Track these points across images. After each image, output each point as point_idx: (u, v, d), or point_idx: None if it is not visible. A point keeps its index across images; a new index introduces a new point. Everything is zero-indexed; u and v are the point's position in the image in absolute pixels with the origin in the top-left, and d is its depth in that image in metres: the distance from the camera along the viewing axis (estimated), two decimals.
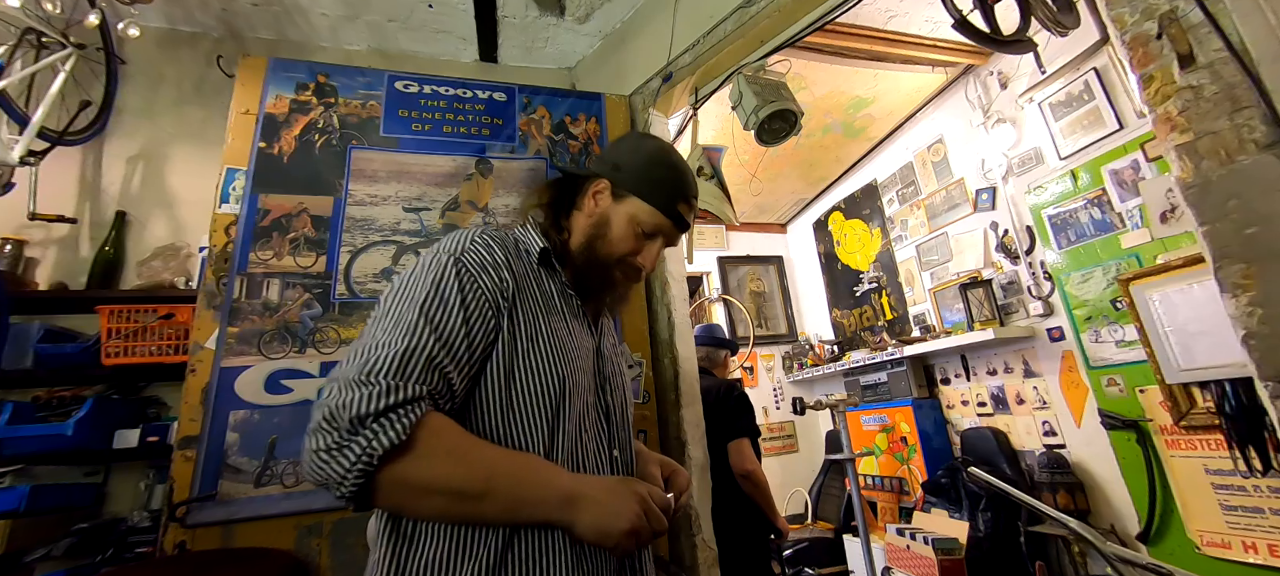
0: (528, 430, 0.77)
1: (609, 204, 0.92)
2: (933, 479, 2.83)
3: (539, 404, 0.78)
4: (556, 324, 0.84)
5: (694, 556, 1.77)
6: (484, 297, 0.76)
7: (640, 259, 0.93)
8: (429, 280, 0.75)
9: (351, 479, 0.61)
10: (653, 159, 0.94)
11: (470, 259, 0.78)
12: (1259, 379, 0.79)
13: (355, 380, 0.64)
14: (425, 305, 0.72)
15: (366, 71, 1.90)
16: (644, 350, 1.92)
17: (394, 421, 0.63)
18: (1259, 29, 0.80)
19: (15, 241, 1.86)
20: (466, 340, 0.73)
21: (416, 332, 0.70)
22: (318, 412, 0.64)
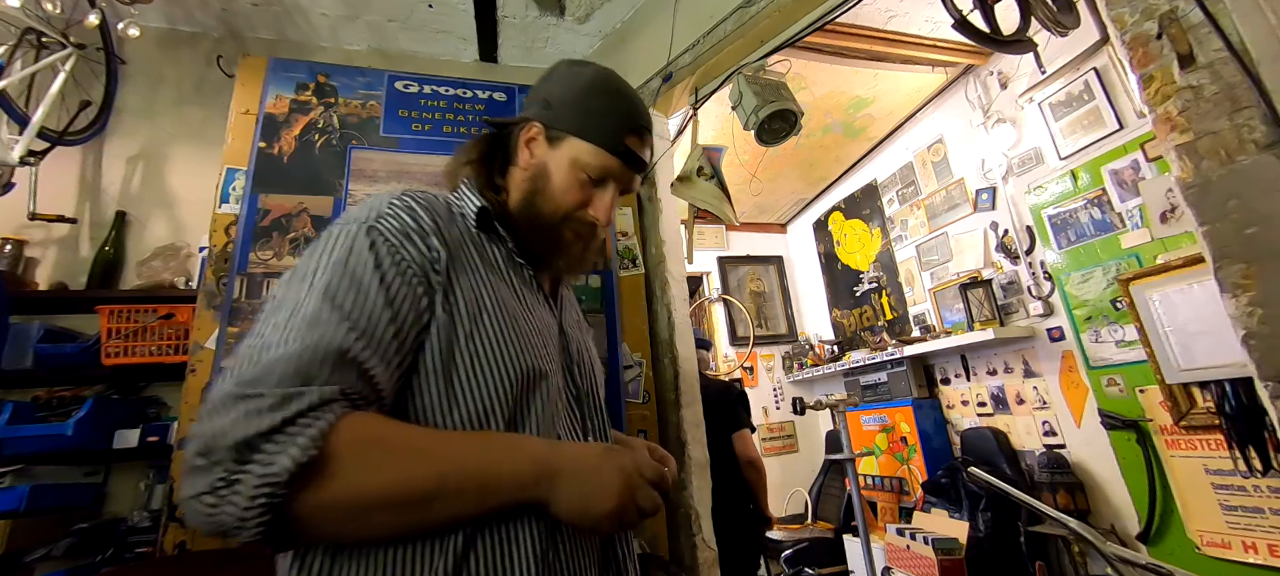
0: (494, 419, 0.64)
1: (545, 151, 0.78)
2: (933, 479, 2.83)
3: (494, 393, 0.64)
4: (506, 297, 0.70)
5: (694, 556, 1.77)
6: (410, 271, 0.62)
7: (592, 210, 0.78)
8: (334, 258, 0.60)
9: (253, 520, 0.48)
10: (590, 88, 0.79)
11: (388, 226, 0.63)
12: (1259, 379, 0.79)
13: (233, 395, 0.50)
14: (330, 289, 0.58)
15: (366, 71, 1.90)
16: (644, 350, 1.92)
17: (295, 435, 0.50)
18: (1259, 29, 0.80)
19: (15, 241, 1.86)
20: (392, 326, 0.59)
21: (320, 324, 0.55)
22: (190, 447, 0.50)
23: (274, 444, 0.49)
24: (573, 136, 0.77)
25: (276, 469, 0.48)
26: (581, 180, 0.76)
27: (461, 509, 0.57)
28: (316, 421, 0.51)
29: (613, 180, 0.78)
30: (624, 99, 0.80)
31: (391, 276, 0.61)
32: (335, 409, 0.53)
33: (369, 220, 0.64)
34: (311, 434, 0.50)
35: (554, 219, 0.77)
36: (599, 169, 0.77)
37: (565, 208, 0.77)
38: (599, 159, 0.76)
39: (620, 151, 0.77)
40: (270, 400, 0.50)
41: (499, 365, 0.65)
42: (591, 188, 0.77)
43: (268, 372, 0.52)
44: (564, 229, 0.78)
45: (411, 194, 0.69)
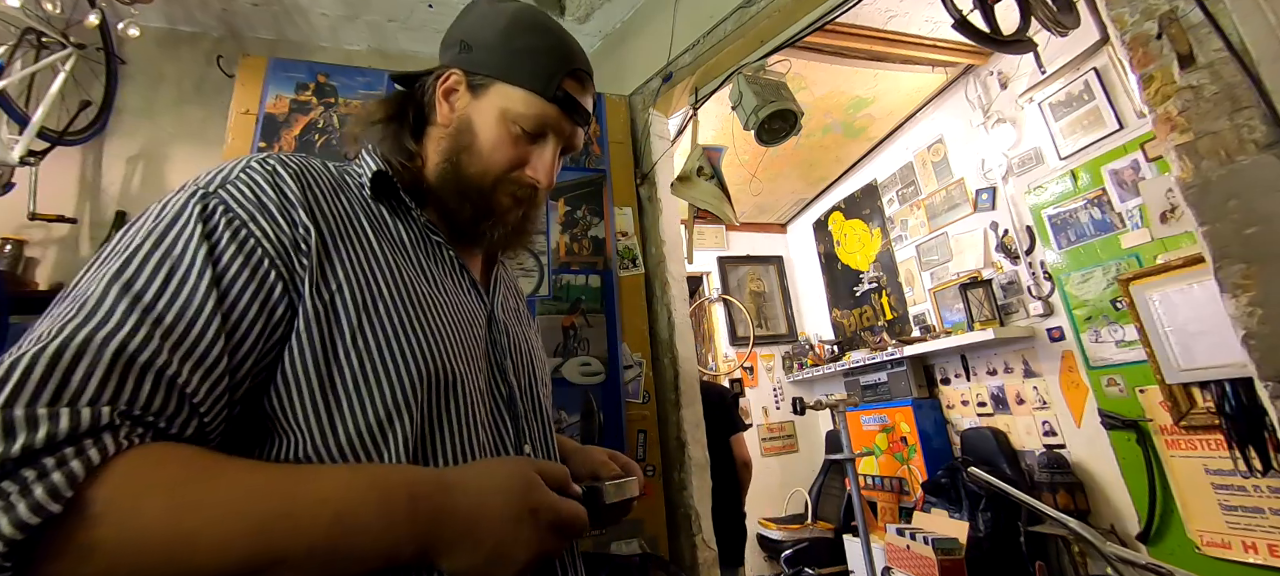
0: (373, 452, 0.49)
1: (468, 102, 0.65)
2: (933, 479, 2.83)
3: (393, 401, 0.50)
4: (412, 280, 0.57)
5: (694, 556, 1.77)
6: (258, 253, 0.48)
7: (530, 170, 0.66)
8: (144, 232, 0.46)
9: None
10: (515, 23, 0.66)
11: (235, 194, 0.49)
12: (1259, 379, 0.79)
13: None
14: (127, 272, 0.43)
15: (366, 71, 1.90)
16: (644, 350, 1.92)
17: (29, 482, 0.34)
18: (1259, 29, 0.80)
19: (15, 241, 1.86)
20: (221, 323, 0.45)
21: (98, 318, 0.41)
22: None
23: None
24: (500, 82, 0.64)
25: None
26: (514, 134, 0.64)
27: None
28: (68, 461, 0.36)
29: (552, 132, 0.66)
30: (555, 36, 0.67)
31: (229, 259, 0.47)
32: (106, 440, 0.37)
33: (211, 185, 0.50)
34: (54, 481, 0.35)
35: (484, 182, 0.64)
36: (535, 119, 0.64)
37: (497, 168, 0.64)
38: (534, 107, 0.64)
39: (558, 97, 0.64)
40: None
41: (401, 364, 0.51)
42: (527, 143, 0.65)
43: (10, 382, 0.36)
44: (498, 193, 0.65)
45: (279, 156, 0.55)
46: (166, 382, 0.41)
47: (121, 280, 0.43)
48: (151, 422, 0.41)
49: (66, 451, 0.36)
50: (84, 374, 0.38)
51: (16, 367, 0.37)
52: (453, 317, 0.59)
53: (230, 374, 0.45)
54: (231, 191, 0.50)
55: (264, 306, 0.47)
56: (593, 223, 1.98)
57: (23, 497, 0.34)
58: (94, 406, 0.38)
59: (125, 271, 0.44)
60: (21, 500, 0.34)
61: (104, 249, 0.47)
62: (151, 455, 0.40)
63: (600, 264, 1.94)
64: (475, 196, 0.65)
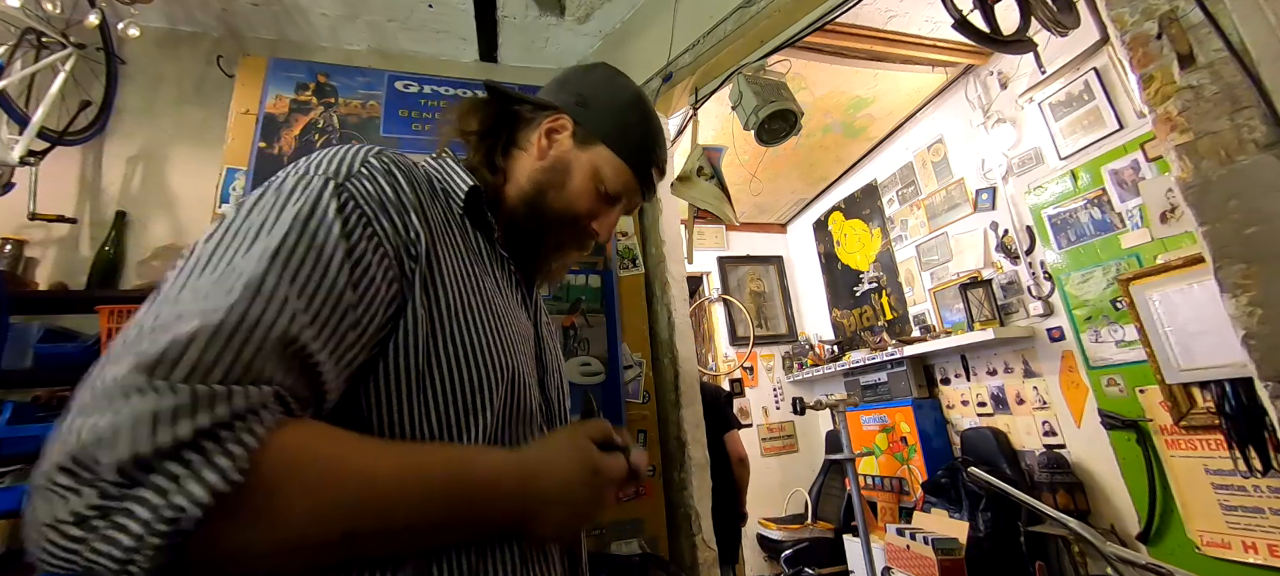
0: (470, 437, 0.55)
1: (569, 147, 0.72)
2: (933, 479, 2.83)
3: (475, 405, 0.54)
4: (490, 292, 0.61)
5: (694, 556, 1.77)
6: (383, 250, 0.50)
7: (598, 224, 0.73)
8: (291, 213, 0.47)
9: (141, 566, 0.34)
10: (632, 104, 0.74)
11: (362, 189, 0.51)
12: (1259, 379, 0.79)
13: (126, 386, 0.36)
14: (282, 251, 0.44)
15: (366, 71, 1.90)
16: (644, 350, 1.92)
17: (213, 454, 0.37)
18: (1259, 29, 0.80)
19: (15, 241, 1.86)
20: (354, 311, 0.47)
21: (262, 294, 0.42)
22: (52, 454, 0.37)
23: (181, 464, 0.36)
24: (603, 144, 0.72)
25: (183, 501, 0.35)
26: (599, 191, 0.72)
27: (423, 543, 0.48)
28: (244, 435, 0.38)
29: (624, 200, 0.75)
30: (657, 127, 0.77)
31: (362, 251, 0.48)
32: (268, 416, 0.40)
33: (339, 176, 0.51)
34: (236, 453, 0.37)
35: (563, 218, 0.71)
36: (618, 186, 0.73)
37: (577, 211, 0.71)
38: (622, 177, 0.73)
39: (643, 177, 0.75)
40: (180, 399, 0.36)
41: (488, 369, 0.55)
42: (603, 202, 0.73)
43: (179, 355, 0.37)
44: (568, 234, 0.73)
45: (390, 155, 0.57)
46: (311, 370, 0.44)
47: (281, 262, 0.44)
48: (289, 405, 0.43)
49: (244, 425, 0.38)
50: (256, 352, 0.40)
51: (204, 338, 0.39)
52: (519, 331, 0.64)
53: (350, 363, 0.48)
54: (358, 186, 0.51)
55: (384, 303, 0.50)
56: None
57: (211, 464, 0.36)
58: (262, 386, 0.40)
59: (284, 253, 0.44)
60: (211, 467, 0.36)
61: (229, 224, 0.47)
62: (297, 434, 0.42)
63: (600, 264, 1.94)
64: (552, 229, 0.71)
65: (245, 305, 0.41)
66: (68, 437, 0.36)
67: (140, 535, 0.34)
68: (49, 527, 0.36)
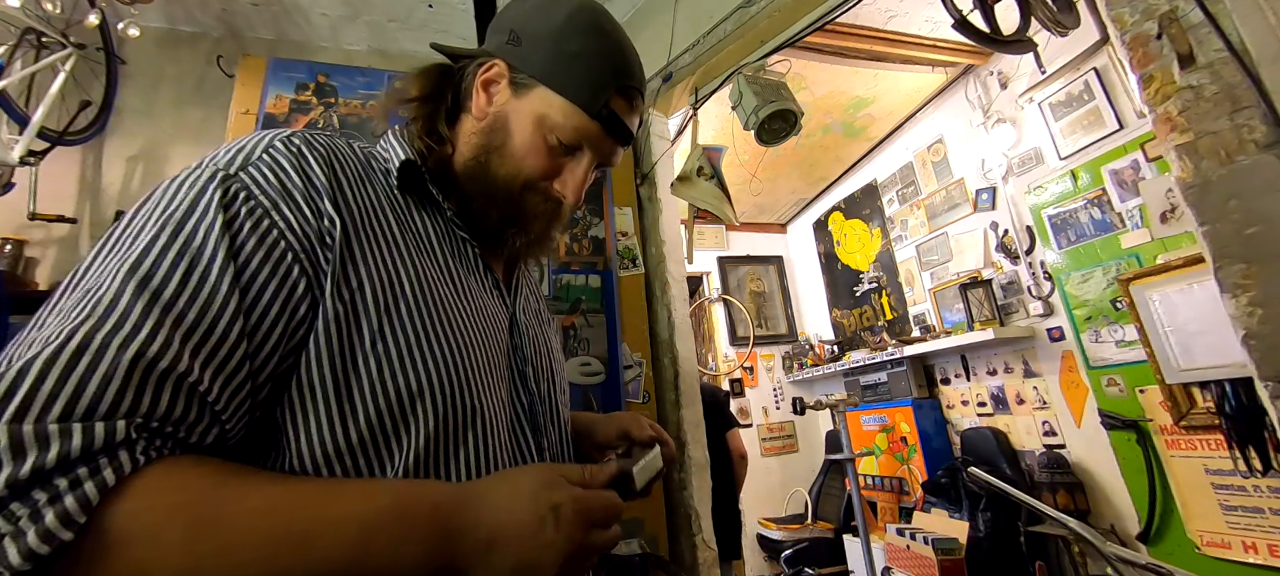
0: (393, 457, 0.47)
1: (507, 98, 0.60)
2: (933, 479, 2.83)
3: (414, 412, 0.48)
4: (434, 280, 0.53)
5: (694, 556, 1.77)
6: (282, 246, 0.45)
7: (559, 184, 0.61)
8: (162, 217, 0.42)
9: None
10: (571, 22, 0.59)
11: (258, 179, 0.46)
12: (1259, 379, 0.79)
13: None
14: (145, 265, 0.40)
15: (366, 71, 1.90)
16: (644, 350, 1.92)
17: (41, 506, 0.32)
18: (1259, 29, 0.80)
19: (15, 241, 1.86)
20: (243, 324, 0.42)
21: (120, 318, 0.37)
22: None
23: (3, 519, 0.32)
24: (543, 86, 0.58)
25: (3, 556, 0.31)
26: (549, 144, 0.59)
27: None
28: (83, 482, 0.33)
29: (589, 149, 0.61)
30: (612, 43, 0.60)
31: (251, 253, 0.43)
32: (122, 457, 0.35)
33: (232, 166, 0.45)
34: (67, 505, 0.32)
35: (511, 186, 0.60)
36: (573, 133, 0.59)
37: (525, 175, 0.60)
38: (574, 120, 0.58)
39: (602, 115, 0.59)
40: (10, 441, 0.32)
41: (418, 373, 0.48)
42: (561, 155, 0.60)
43: (11, 391, 0.34)
44: (526, 199, 0.60)
45: (305, 136, 0.50)
46: (187, 390, 0.39)
47: (138, 275, 0.39)
48: (171, 433, 0.38)
49: (81, 471, 0.34)
50: (100, 383, 0.35)
51: (26, 375, 0.34)
52: (475, 323, 0.55)
53: (252, 378, 0.43)
54: (254, 175, 0.46)
55: (287, 305, 0.44)
56: (593, 222, 1.98)
57: (33, 523, 0.32)
58: (110, 420, 0.35)
59: (142, 265, 0.40)
60: (31, 526, 0.32)
61: (114, 231, 0.43)
62: (166, 476, 0.37)
63: (600, 264, 1.94)
64: (502, 200, 0.60)
65: (90, 327, 0.37)
66: None
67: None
68: None
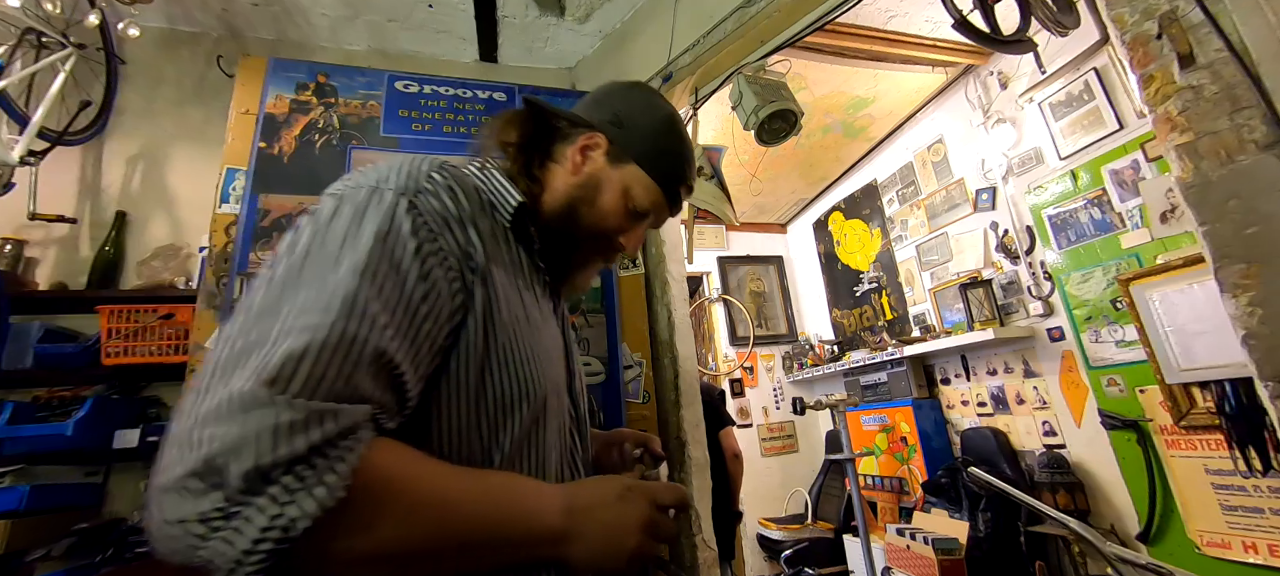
0: (501, 445, 0.57)
1: (602, 165, 0.73)
2: (933, 479, 2.83)
3: (518, 410, 0.58)
4: (529, 306, 0.64)
5: (694, 556, 1.77)
6: (449, 263, 0.53)
7: (626, 239, 0.76)
8: (371, 228, 0.50)
9: (252, 564, 0.38)
10: (665, 125, 0.77)
11: (429, 204, 0.55)
12: (1259, 379, 0.79)
13: (251, 399, 0.40)
14: (369, 269, 0.48)
15: (366, 71, 1.90)
16: (644, 350, 1.92)
17: (323, 472, 0.40)
18: (1259, 29, 0.80)
19: (15, 241, 1.86)
20: (428, 323, 0.51)
21: (355, 310, 0.45)
22: (184, 458, 0.39)
23: (295, 477, 0.40)
24: (636, 164, 0.74)
25: (296, 512, 0.39)
26: (629, 208, 0.74)
27: (477, 567, 0.50)
28: (348, 453, 0.42)
29: (651, 216, 0.77)
30: (688, 148, 0.79)
31: (432, 266, 0.52)
32: (365, 435, 0.44)
33: (408, 190, 0.54)
34: (341, 470, 0.41)
35: (592, 233, 0.73)
36: (648, 203, 0.75)
37: (606, 228, 0.74)
38: (652, 196, 0.75)
39: (672, 196, 0.77)
40: (295, 415, 0.40)
41: (527, 375, 0.58)
42: (632, 218, 0.75)
43: (293, 371, 0.41)
44: (599, 245, 0.75)
45: (448, 169, 0.60)
46: (397, 382, 0.48)
47: (370, 279, 0.47)
48: (376, 419, 0.46)
49: (348, 443, 0.42)
50: (355, 369, 0.44)
51: (312, 355, 0.43)
52: (550, 343, 0.66)
53: (424, 376, 0.52)
54: (425, 202, 0.55)
55: (450, 316, 0.54)
56: None
57: (321, 480, 0.40)
58: (361, 404, 0.44)
59: (370, 270, 0.48)
60: (321, 483, 0.40)
61: (319, 232, 0.50)
62: (387, 454, 0.46)
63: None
64: (580, 243, 0.73)
65: (344, 322, 0.45)
66: (196, 444, 0.39)
67: (256, 539, 0.38)
68: (175, 524, 0.39)
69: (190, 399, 0.42)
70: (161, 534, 0.40)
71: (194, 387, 0.43)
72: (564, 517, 0.54)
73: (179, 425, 0.41)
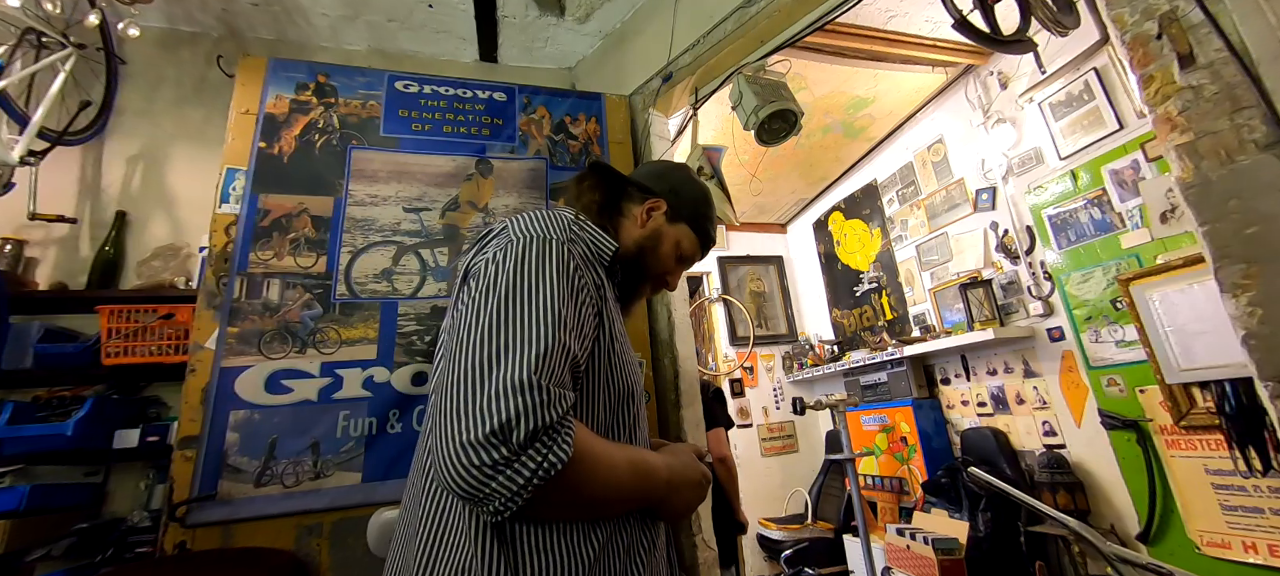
0: (619, 429, 0.77)
1: (662, 222, 0.97)
2: (933, 479, 2.83)
3: (629, 402, 0.78)
4: (622, 324, 0.86)
5: (694, 556, 1.77)
6: (590, 293, 0.73)
7: (672, 278, 1.00)
8: (554, 266, 0.70)
9: (524, 497, 0.57)
10: (705, 198, 1.04)
11: (578, 250, 0.76)
12: (1259, 379, 0.79)
13: (526, 383, 0.59)
14: (561, 295, 0.67)
15: (366, 71, 1.90)
16: (644, 350, 1.92)
17: (564, 436, 0.60)
18: (1259, 29, 0.80)
19: (15, 241, 1.86)
20: (587, 336, 0.71)
21: (563, 327, 0.65)
22: (484, 421, 0.57)
23: (550, 437, 0.58)
24: (686, 223, 0.98)
25: (552, 460, 0.58)
26: (677, 255, 0.98)
27: (623, 510, 0.71)
28: (571, 424, 0.61)
29: (688, 263, 1.02)
30: (715, 212, 1.06)
31: (585, 295, 0.72)
32: (573, 412, 0.63)
33: (564, 238, 0.74)
34: (572, 435, 0.60)
35: (651, 273, 0.96)
36: (690, 253, 1.00)
37: (663, 270, 0.97)
38: (694, 247, 1.00)
39: (705, 247, 1.03)
40: (549, 396, 0.59)
41: (632, 380, 0.79)
42: (678, 263, 0.99)
43: (542, 365, 0.61)
44: (655, 282, 0.98)
45: (576, 222, 0.82)
46: (577, 375, 0.67)
47: (564, 302, 0.67)
48: (574, 401, 0.64)
49: (569, 417, 0.62)
50: (566, 365, 0.64)
51: (548, 354, 0.62)
52: (635, 355, 0.86)
53: (583, 373, 0.71)
54: (576, 249, 0.75)
55: (593, 330, 0.73)
56: None
57: (562, 443, 0.59)
58: (569, 390, 0.63)
59: (562, 296, 0.67)
60: (562, 445, 0.59)
61: (517, 267, 0.69)
62: (579, 427, 0.64)
63: None
64: (641, 280, 0.96)
65: (559, 332, 0.64)
66: (491, 413, 0.58)
67: (528, 478, 0.57)
68: (478, 469, 0.57)
69: (462, 382, 0.61)
70: (462, 476, 0.57)
71: (457, 376, 0.62)
72: (669, 476, 0.76)
73: (463, 400, 0.59)
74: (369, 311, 1.63)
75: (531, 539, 0.65)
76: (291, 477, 1.44)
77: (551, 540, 0.65)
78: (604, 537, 0.68)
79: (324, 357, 1.56)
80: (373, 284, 1.66)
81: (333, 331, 1.59)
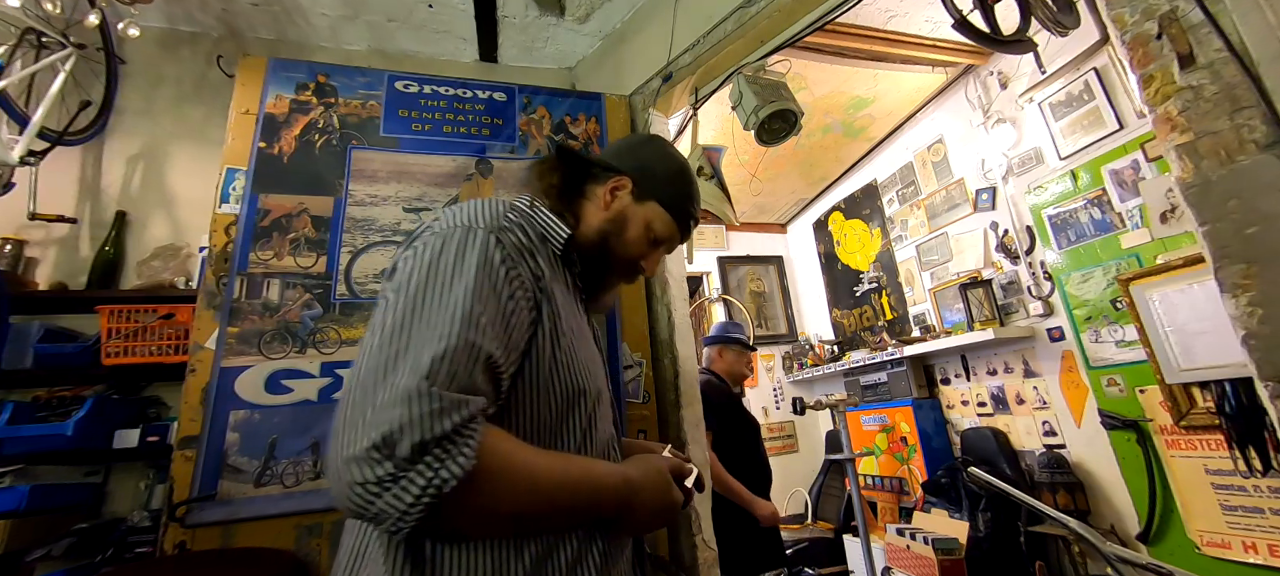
0: (567, 434, 0.70)
1: (628, 202, 0.88)
2: (933, 479, 2.83)
3: (580, 404, 0.72)
4: (579, 320, 0.78)
5: (694, 556, 1.77)
6: (525, 287, 0.67)
7: (646, 263, 0.91)
8: (474, 259, 0.63)
9: (413, 515, 0.51)
10: (680, 171, 0.93)
11: (510, 239, 0.68)
12: (1259, 379, 0.79)
13: (413, 392, 0.53)
14: (478, 291, 0.61)
15: (366, 71, 1.90)
16: (644, 350, 1.92)
17: (461, 446, 0.53)
18: (1259, 29, 0.80)
19: (15, 241, 1.86)
20: (515, 333, 0.64)
21: (474, 325, 0.58)
22: (366, 434, 0.52)
23: (443, 450, 0.52)
24: (655, 201, 0.88)
25: (445, 475, 0.52)
26: (649, 238, 0.89)
27: (553, 528, 0.65)
28: (475, 432, 0.55)
29: (666, 243, 0.92)
30: (696, 189, 0.95)
31: (515, 289, 0.65)
32: (481, 420, 0.56)
33: (493, 227, 0.67)
34: (472, 446, 0.54)
35: (618, 259, 0.87)
36: (665, 233, 0.90)
37: (631, 254, 0.88)
38: (669, 227, 0.90)
39: (683, 227, 0.92)
40: (444, 403, 0.53)
41: (584, 378, 0.72)
42: (651, 246, 0.90)
43: (437, 369, 0.55)
44: (623, 270, 0.89)
45: (517, 208, 0.75)
46: (498, 379, 0.61)
47: (479, 298, 0.61)
48: (485, 409, 0.58)
49: (473, 426, 0.55)
50: (475, 368, 0.57)
51: (448, 356, 0.55)
52: (593, 348, 0.80)
53: (511, 375, 0.64)
54: (508, 237, 0.68)
55: (527, 326, 0.66)
56: None
57: (460, 455, 0.53)
58: (478, 396, 0.57)
59: (478, 292, 0.61)
60: (460, 456, 0.53)
61: (431, 260, 0.63)
62: (495, 436, 0.58)
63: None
64: (607, 267, 0.87)
65: (466, 331, 0.58)
66: (375, 425, 0.52)
67: (417, 496, 0.51)
68: (361, 487, 0.51)
69: (356, 390, 0.56)
70: (346, 494, 0.52)
71: (355, 383, 0.57)
72: (625, 488, 0.68)
73: (353, 410, 0.54)
74: (369, 311, 1.63)
75: (450, 558, 0.60)
76: (291, 477, 1.44)
77: (473, 559, 0.60)
78: (539, 553, 0.63)
79: (324, 357, 1.56)
80: (373, 284, 1.66)
81: (333, 331, 1.59)
